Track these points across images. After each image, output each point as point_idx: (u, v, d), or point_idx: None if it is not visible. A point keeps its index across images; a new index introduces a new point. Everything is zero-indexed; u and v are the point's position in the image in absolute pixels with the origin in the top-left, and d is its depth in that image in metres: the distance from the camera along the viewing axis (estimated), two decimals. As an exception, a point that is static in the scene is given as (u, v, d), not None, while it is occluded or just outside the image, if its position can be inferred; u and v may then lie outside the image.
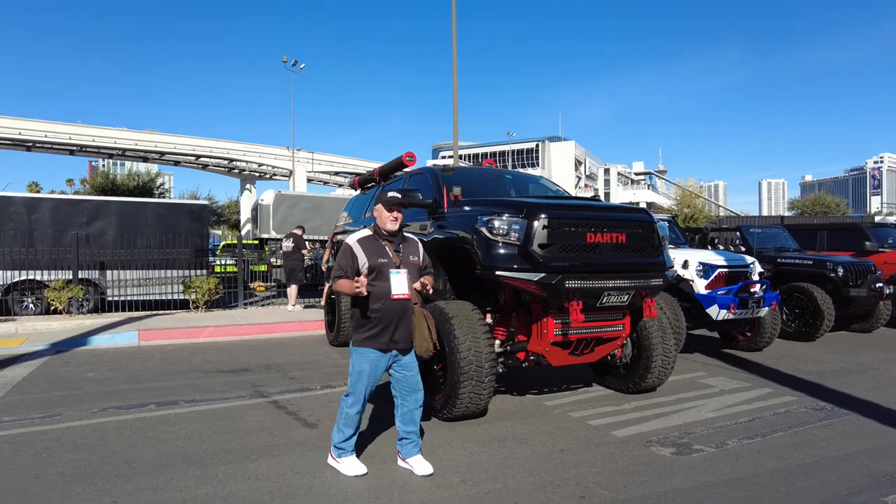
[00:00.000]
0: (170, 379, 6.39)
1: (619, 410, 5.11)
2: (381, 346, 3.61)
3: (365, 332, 3.60)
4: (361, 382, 3.63)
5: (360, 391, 3.65)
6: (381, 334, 3.60)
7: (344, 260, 3.59)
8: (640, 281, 4.66)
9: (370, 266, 3.59)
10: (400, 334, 3.64)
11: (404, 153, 7.08)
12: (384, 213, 3.73)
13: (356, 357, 3.65)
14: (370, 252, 3.62)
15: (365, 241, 3.67)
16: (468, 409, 4.58)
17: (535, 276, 4.35)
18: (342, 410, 3.70)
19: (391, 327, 3.61)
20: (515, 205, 4.73)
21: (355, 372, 3.64)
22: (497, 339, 5.06)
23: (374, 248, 3.65)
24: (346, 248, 3.62)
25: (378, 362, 3.64)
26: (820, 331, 8.59)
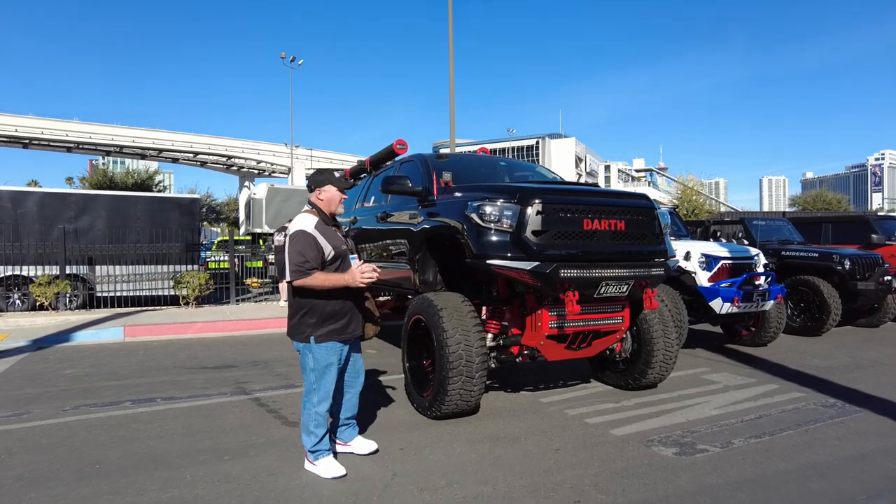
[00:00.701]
0: (151, 375, 6.14)
1: (618, 408, 4.85)
2: (344, 337, 3.42)
3: (330, 325, 3.35)
4: (330, 376, 3.39)
5: (328, 387, 3.41)
6: (347, 325, 3.42)
7: (310, 250, 3.26)
8: (640, 270, 4.39)
9: (335, 254, 3.36)
10: (359, 322, 3.53)
11: (395, 140, 6.81)
12: (336, 196, 3.48)
13: (321, 352, 3.35)
14: (329, 239, 3.37)
15: (320, 227, 3.38)
16: (458, 406, 4.32)
17: (529, 264, 4.08)
18: (309, 412, 3.40)
19: (354, 317, 3.48)
20: (508, 189, 4.46)
21: (320, 367, 3.36)
22: (489, 333, 4.79)
23: (330, 234, 3.41)
24: (307, 238, 3.27)
25: (342, 352, 3.46)
26: (826, 325, 8.33)
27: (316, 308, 3.33)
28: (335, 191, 3.48)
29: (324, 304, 3.32)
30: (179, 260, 12.01)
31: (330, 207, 3.48)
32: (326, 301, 3.32)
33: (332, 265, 3.35)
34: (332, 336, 3.35)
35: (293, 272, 3.22)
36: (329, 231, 3.40)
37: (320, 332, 3.33)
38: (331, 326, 3.34)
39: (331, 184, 3.47)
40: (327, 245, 3.31)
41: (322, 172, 3.54)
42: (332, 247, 3.33)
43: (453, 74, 14.45)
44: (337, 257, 3.37)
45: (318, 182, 3.49)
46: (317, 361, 3.36)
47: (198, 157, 51.51)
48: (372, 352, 7.36)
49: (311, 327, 3.34)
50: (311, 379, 3.39)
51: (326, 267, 3.33)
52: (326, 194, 3.46)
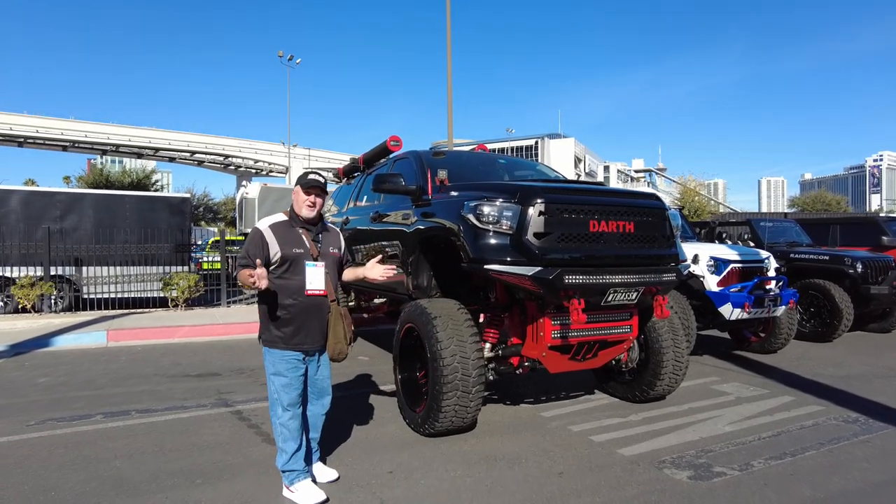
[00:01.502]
0: (129, 384, 5.79)
1: (625, 423, 4.52)
2: (292, 346, 3.15)
3: (275, 331, 3.13)
4: (282, 382, 3.12)
5: (289, 398, 3.12)
6: (293, 335, 3.14)
7: (252, 247, 3.10)
8: (650, 276, 4.06)
9: (282, 256, 3.11)
10: (313, 336, 3.19)
11: (389, 137, 6.48)
12: (300, 197, 3.21)
13: (269, 358, 3.16)
14: (284, 240, 3.14)
15: (279, 227, 3.17)
16: (453, 423, 3.99)
17: (530, 269, 3.75)
18: (275, 425, 3.15)
19: (304, 327, 3.15)
20: (508, 188, 4.13)
21: (273, 374, 3.15)
22: (488, 343, 4.46)
23: (289, 236, 3.17)
24: (255, 234, 3.14)
25: (297, 363, 3.16)
26: (838, 331, 8.00)
27: (263, 309, 3.16)
28: (300, 191, 3.21)
29: (272, 308, 3.11)
30: (169, 261, 11.68)
31: (299, 209, 3.22)
32: (272, 305, 3.11)
33: (279, 266, 3.13)
34: (278, 343, 3.13)
35: (236, 266, 3.08)
36: (290, 233, 3.17)
37: (266, 336, 3.16)
38: (276, 332, 3.13)
39: (298, 185, 3.23)
40: (274, 245, 3.10)
41: (302, 175, 3.27)
42: (279, 248, 3.09)
43: (450, 73, 14.11)
44: (285, 260, 3.12)
45: (296, 183, 3.28)
46: (269, 367, 3.17)
47: (195, 157, 51.15)
48: (364, 358, 7.03)
49: (262, 328, 3.20)
50: (270, 387, 3.17)
51: (272, 266, 3.13)
52: (294, 196, 3.26)
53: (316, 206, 3.23)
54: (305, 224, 3.22)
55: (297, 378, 3.14)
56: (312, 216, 3.24)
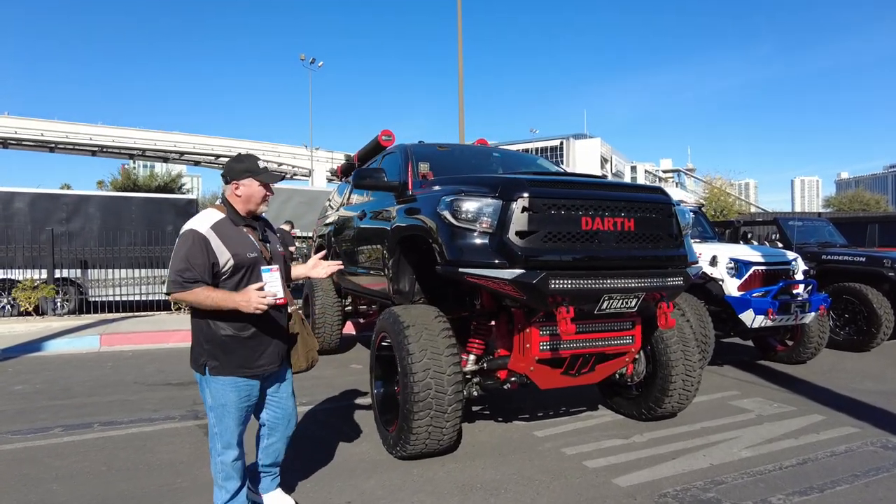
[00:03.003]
0: (104, 393, 5.50)
1: (627, 445, 4.01)
2: (252, 372, 2.61)
3: (227, 356, 2.55)
4: (229, 416, 2.59)
5: (231, 428, 2.61)
6: (255, 356, 2.60)
7: (196, 256, 2.45)
8: (652, 280, 3.55)
9: (236, 263, 2.54)
10: (274, 353, 2.70)
11: (381, 131, 6.08)
12: (256, 192, 2.66)
13: (218, 388, 2.57)
14: (233, 243, 2.56)
15: (222, 227, 2.58)
16: (427, 446, 3.54)
17: (511, 273, 3.28)
18: (214, 461, 2.66)
19: (266, 347, 2.65)
20: (488, 181, 3.67)
21: (217, 406, 2.59)
22: (472, 354, 4.01)
23: (237, 237, 2.60)
24: (193, 238, 2.48)
25: (251, 391, 2.64)
26: (875, 340, 7.30)
27: (212, 332, 2.54)
28: (256, 186, 2.65)
29: (221, 326, 2.54)
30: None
31: (248, 206, 2.68)
32: (225, 323, 2.53)
33: (229, 277, 2.56)
34: (233, 370, 2.57)
35: (170, 282, 2.45)
36: (235, 233, 2.61)
37: (216, 363, 2.55)
38: (232, 357, 2.56)
39: (251, 175, 2.65)
40: (224, 251, 2.51)
41: (241, 159, 2.70)
42: (231, 254, 2.53)
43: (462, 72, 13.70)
44: (239, 267, 2.56)
45: (235, 172, 2.66)
46: (213, 398, 2.60)
47: (219, 160, 51.69)
48: (357, 366, 6.64)
49: (206, 355, 2.57)
50: (211, 420, 2.64)
51: (221, 279, 2.55)
52: (245, 189, 2.65)
53: (267, 201, 2.76)
54: (249, 221, 2.71)
55: (249, 409, 2.67)
56: (263, 212, 2.78)
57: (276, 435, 2.86)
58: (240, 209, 2.68)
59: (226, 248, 2.53)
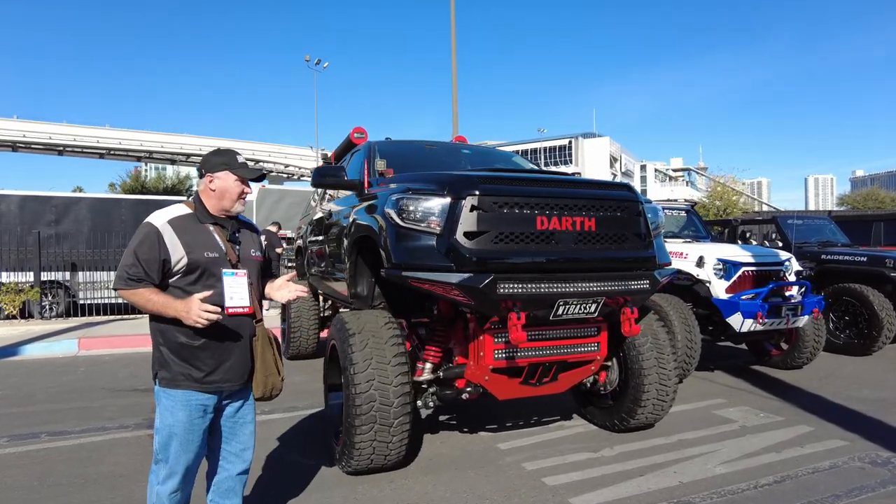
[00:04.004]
0: (67, 400, 5.34)
1: (594, 459, 3.76)
2: (204, 387, 2.30)
3: (181, 366, 2.27)
4: (177, 439, 2.26)
5: (177, 453, 2.27)
6: (209, 370, 2.30)
7: (145, 251, 2.19)
8: (614, 284, 3.30)
9: (190, 262, 2.25)
10: (235, 370, 2.36)
11: (353, 129, 5.87)
12: (232, 187, 2.36)
13: (167, 401, 2.28)
14: (191, 241, 2.27)
15: (181, 222, 2.28)
16: (372, 461, 3.32)
17: (457, 277, 3.05)
18: (151, 488, 2.33)
19: (224, 359, 2.33)
20: (436, 178, 3.43)
21: (165, 425, 2.27)
22: (429, 363, 3.78)
23: (198, 234, 2.31)
24: (147, 232, 2.22)
25: (205, 410, 2.32)
26: (877, 343, 6.96)
27: (166, 336, 2.28)
28: (232, 181, 2.36)
29: (174, 332, 2.26)
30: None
31: (222, 203, 2.37)
32: (178, 329, 2.25)
33: (182, 278, 2.27)
34: (183, 382, 2.27)
35: (117, 277, 2.22)
36: (197, 230, 2.31)
37: (167, 374, 2.28)
38: (183, 368, 2.26)
39: (227, 168, 2.36)
40: (178, 247, 2.23)
41: (220, 153, 2.41)
42: (185, 252, 2.23)
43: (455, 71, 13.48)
44: (193, 268, 2.26)
45: (211, 165, 2.37)
46: (162, 416, 2.30)
47: (226, 162, 51.95)
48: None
49: (157, 363, 2.31)
50: (156, 442, 2.31)
51: (173, 279, 2.27)
52: (220, 183, 2.35)
53: (245, 199, 2.45)
54: (220, 219, 2.39)
55: (201, 431, 2.32)
56: (239, 211, 2.45)
57: (231, 469, 2.46)
58: (211, 206, 2.37)
59: (180, 244, 2.23)
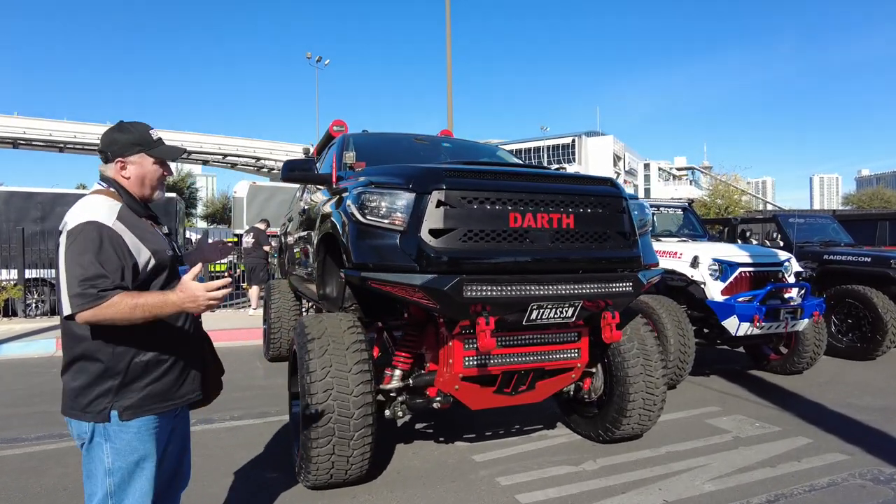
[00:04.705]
0: (30, 404, 5.12)
1: (574, 474, 3.50)
2: (172, 404, 1.96)
3: (149, 386, 1.89)
4: (143, 476, 1.88)
5: (144, 496, 1.89)
6: (177, 382, 1.98)
7: (108, 257, 1.77)
8: (594, 286, 3.04)
9: (158, 262, 1.93)
10: (195, 376, 2.07)
11: (332, 122, 5.62)
12: (151, 171, 2.00)
13: (127, 437, 1.84)
14: (147, 237, 1.92)
15: (129, 218, 1.89)
16: (332, 476, 3.07)
17: (420, 278, 2.80)
18: None
19: (190, 367, 2.04)
20: (401, 171, 3.18)
21: (127, 467, 1.84)
22: (398, 369, 3.53)
23: (145, 230, 1.95)
24: (102, 234, 1.78)
25: (167, 435, 1.99)
26: (881, 347, 6.68)
27: (121, 358, 1.85)
28: (150, 164, 1.99)
29: (136, 348, 1.87)
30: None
31: (142, 190, 2.00)
32: (140, 341, 1.88)
33: (148, 281, 1.92)
34: (152, 405, 1.90)
35: (74, 297, 1.70)
36: (143, 226, 1.95)
37: (130, 402, 1.85)
38: (150, 388, 1.89)
39: (142, 150, 1.97)
40: (142, 248, 1.88)
41: (126, 128, 1.98)
42: (150, 251, 1.90)
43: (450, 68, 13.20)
44: (160, 268, 1.95)
45: (120, 146, 1.95)
46: (120, 456, 1.84)
47: (227, 159, 51.78)
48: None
49: (109, 395, 1.82)
50: (105, 490, 1.84)
51: (138, 283, 1.88)
52: (135, 170, 1.97)
53: (165, 182, 2.09)
54: (146, 209, 2.03)
55: (155, 460, 1.93)
56: (160, 199, 2.11)
57: (169, 499, 2.09)
58: (140, 194, 2.00)
59: (142, 243, 1.88)
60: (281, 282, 7.01)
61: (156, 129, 2.03)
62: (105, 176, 1.98)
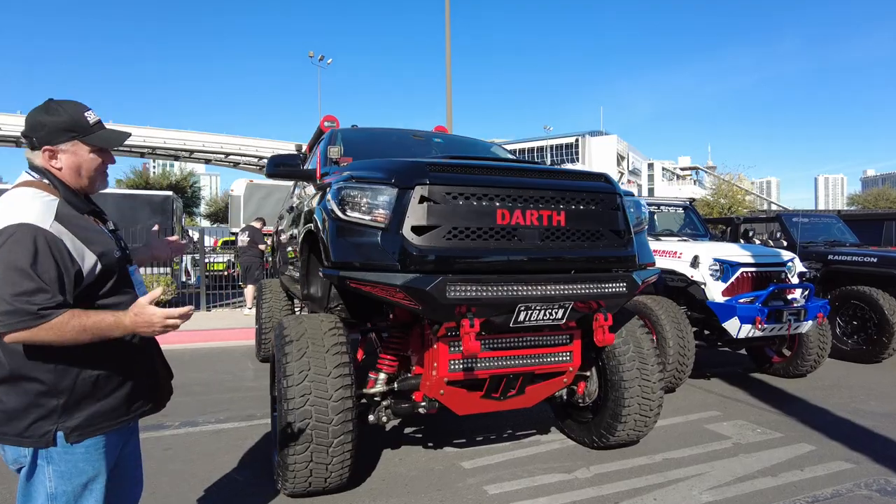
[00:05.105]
0: None
1: (565, 483, 3.36)
2: (126, 419, 1.79)
3: (99, 403, 1.69)
4: (93, 498, 1.70)
5: None
6: (133, 397, 1.80)
7: (46, 265, 1.54)
8: (584, 286, 2.89)
9: (105, 266, 1.69)
10: (148, 386, 1.89)
11: (324, 117, 5.49)
12: (87, 160, 1.74)
13: (74, 459, 1.66)
14: (90, 237, 1.68)
15: (67, 215, 1.64)
16: (311, 485, 2.94)
17: (401, 277, 2.66)
18: None
19: (146, 378, 1.87)
20: (384, 166, 3.04)
21: (73, 491, 1.66)
22: (383, 373, 3.39)
23: (88, 229, 1.70)
24: (37, 237, 1.55)
25: (116, 449, 1.80)
26: (887, 350, 6.50)
27: (64, 375, 1.64)
28: (87, 154, 1.73)
29: (79, 365, 1.66)
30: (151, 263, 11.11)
31: (79, 181, 1.75)
32: (88, 355, 1.66)
33: (93, 287, 1.68)
34: (103, 423, 1.71)
35: (4, 314, 1.48)
36: (87, 225, 1.71)
37: (77, 421, 1.65)
38: (101, 405, 1.70)
39: (76, 136, 1.71)
40: (86, 252, 1.64)
41: (55, 110, 1.70)
42: (96, 254, 1.66)
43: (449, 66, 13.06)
44: (108, 273, 1.71)
45: (49, 131, 1.69)
46: (68, 480, 1.66)
47: (230, 158, 51.78)
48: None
49: (53, 416, 1.62)
50: None
51: (85, 296, 1.67)
52: (69, 160, 1.71)
53: (107, 170, 1.84)
54: (88, 203, 1.80)
55: (109, 476, 1.76)
56: (104, 188, 1.88)
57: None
58: (72, 185, 1.74)
59: (86, 246, 1.64)
60: (273, 281, 6.88)
61: (92, 111, 1.75)
62: (34, 165, 1.72)
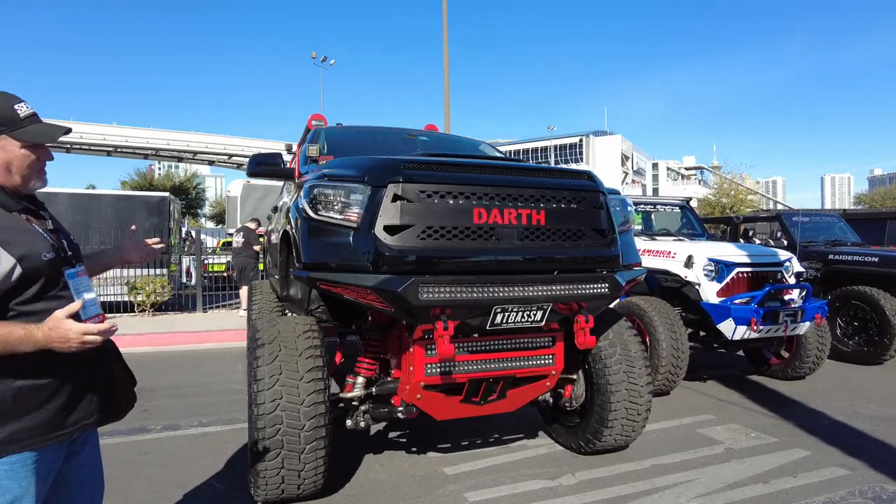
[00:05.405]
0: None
1: (548, 490, 3.26)
2: (57, 435, 1.65)
3: (24, 419, 1.57)
4: None
5: None
6: (65, 408, 1.66)
7: None
8: (564, 287, 2.80)
9: (26, 270, 1.57)
10: (93, 398, 1.74)
11: (311, 115, 5.41)
12: (18, 156, 1.64)
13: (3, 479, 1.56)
14: (12, 238, 1.58)
15: None
16: (284, 492, 2.85)
17: (373, 278, 2.57)
18: None
19: (85, 389, 1.72)
20: (357, 163, 2.95)
21: None
22: (361, 376, 3.30)
23: (15, 228, 1.62)
24: None
25: (54, 464, 1.69)
26: (888, 351, 6.37)
27: None
28: (19, 150, 1.64)
29: (7, 375, 1.56)
30: (147, 263, 11.07)
31: (10, 179, 1.65)
32: (7, 365, 1.54)
33: (15, 291, 1.58)
34: (29, 439, 1.58)
35: None
36: (12, 223, 1.62)
37: (1, 437, 1.55)
38: (26, 420, 1.57)
39: (3, 131, 1.62)
40: (3, 255, 1.54)
41: (6, 107, 1.64)
42: (16, 257, 1.55)
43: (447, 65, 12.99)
44: (33, 277, 1.60)
45: None
46: None
47: (232, 159, 51.83)
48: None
49: None
50: None
51: (10, 304, 1.58)
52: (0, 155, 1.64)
53: (44, 167, 1.75)
54: (25, 201, 1.71)
55: (41, 496, 1.66)
56: (39, 188, 1.75)
57: None
58: (12, 184, 1.66)
59: (3, 248, 1.54)
60: (264, 282, 6.80)
61: (24, 103, 1.65)
62: None
